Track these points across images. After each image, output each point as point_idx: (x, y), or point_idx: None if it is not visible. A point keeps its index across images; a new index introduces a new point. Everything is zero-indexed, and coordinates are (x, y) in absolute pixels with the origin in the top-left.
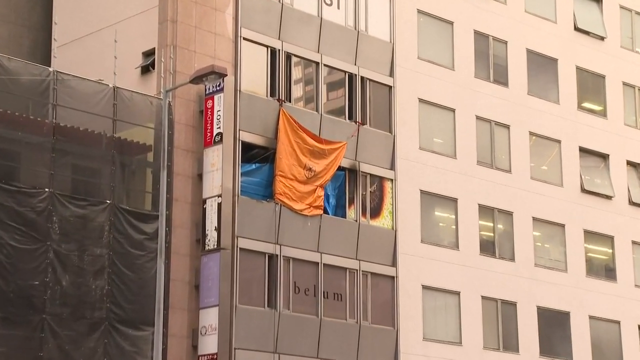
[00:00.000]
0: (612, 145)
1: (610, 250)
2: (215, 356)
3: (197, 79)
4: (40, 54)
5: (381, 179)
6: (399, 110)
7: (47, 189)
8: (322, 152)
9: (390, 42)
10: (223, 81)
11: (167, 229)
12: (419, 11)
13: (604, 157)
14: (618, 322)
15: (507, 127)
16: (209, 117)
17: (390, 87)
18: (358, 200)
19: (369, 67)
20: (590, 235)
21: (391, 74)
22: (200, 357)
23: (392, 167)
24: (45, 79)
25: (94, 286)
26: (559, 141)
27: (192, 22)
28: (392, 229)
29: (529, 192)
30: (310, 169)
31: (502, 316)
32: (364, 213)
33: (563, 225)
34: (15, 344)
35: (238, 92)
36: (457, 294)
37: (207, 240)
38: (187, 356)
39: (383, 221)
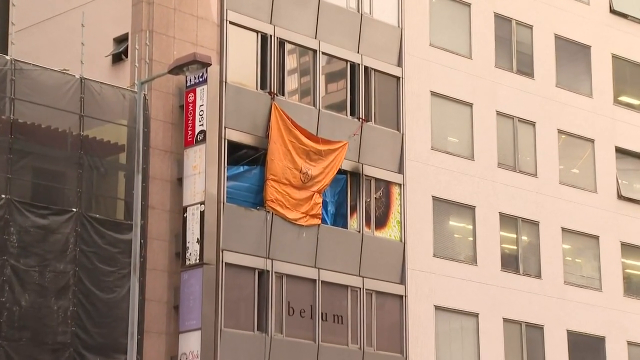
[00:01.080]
0: None
1: None
2: None
3: (177, 69)
4: None
5: (388, 184)
6: (408, 105)
7: (3, 196)
8: (320, 153)
9: (399, 26)
10: (206, 71)
11: (141, 241)
12: None
13: None
14: None
15: (533, 124)
16: (190, 113)
17: (398, 78)
18: (361, 208)
19: (373, 55)
20: (628, 249)
21: (399, 64)
22: None
23: (401, 170)
24: (2, 69)
25: (57, 307)
26: (592, 140)
27: (171, 4)
28: (401, 241)
29: (558, 199)
30: (306, 173)
31: (526, 341)
32: (368, 223)
33: (597, 237)
34: None
35: (224, 84)
36: (475, 315)
37: (187, 254)
38: None
39: (390, 232)
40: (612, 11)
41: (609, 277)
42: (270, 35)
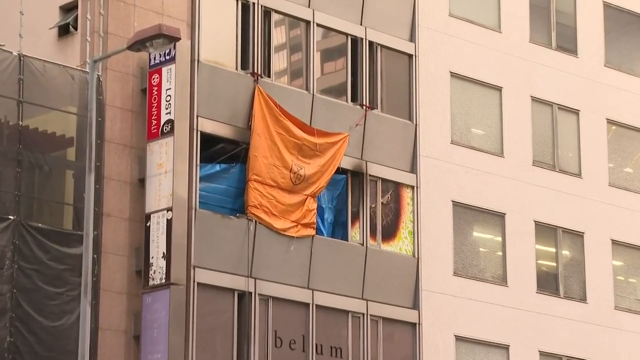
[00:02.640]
0: None
1: None
2: None
3: (138, 45)
4: None
5: (397, 186)
6: (423, 89)
7: None
8: (315, 148)
9: None
10: (175, 48)
11: (94, 256)
12: None
13: None
14: None
15: (576, 112)
16: (155, 99)
17: (410, 56)
18: (365, 215)
19: (380, 28)
20: None
21: (412, 39)
22: None
23: (413, 169)
24: None
25: None
26: None
27: None
28: (413, 255)
29: (607, 205)
30: (297, 172)
31: None
32: (373, 234)
33: None
34: None
35: (196, 62)
36: (506, 348)
37: (151, 272)
38: None
39: (400, 245)
40: None
41: None
42: (253, 3)
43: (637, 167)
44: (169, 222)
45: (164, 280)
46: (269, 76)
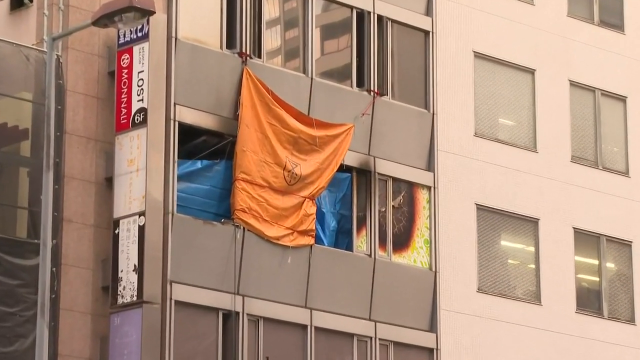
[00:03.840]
0: None
1: None
2: None
3: (105, 19)
4: None
5: (412, 187)
6: (441, 72)
7: None
8: (314, 142)
9: None
10: (148, 23)
11: (53, 269)
12: None
13: None
14: None
15: (623, 99)
16: (125, 83)
17: (427, 32)
18: (373, 221)
19: None
20: None
21: (428, 12)
22: None
23: (430, 166)
24: None
25: None
26: None
27: None
28: (430, 269)
29: None
30: (292, 171)
31: None
32: (382, 243)
33: None
34: None
35: (173, 40)
36: None
37: (120, 289)
38: None
39: (415, 256)
40: None
41: None
42: None
43: None
44: (142, 229)
45: (135, 298)
46: (259, 57)
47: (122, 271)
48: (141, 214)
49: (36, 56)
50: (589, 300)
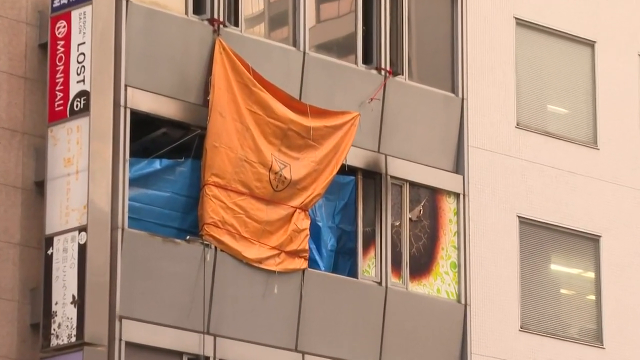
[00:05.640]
0: None
1: None
2: None
3: None
4: None
5: (434, 193)
6: (473, 46)
7: None
8: (308, 135)
9: None
10: None
11: None
12: None
13: None
14: None
15: None
16: (61, 59)
17: None
18: (384, 238)
19: None
20: None
21: None
22: None
23: (459, 167)
24: None
25: None
26: None
27: None
28: (459, 301)
29: None
30: (281, 172)
31: None
32: (396, 267)
33: None
34: None
35: (124, 3)
36: None
37: (54, 327)
38: None
39: (438, 284)
40: None
41: None
42: None
43: None
44: (82, 249)
45: (74, 339)
46: (236, 25)
47: (56, 304)
48: (82, 229)
49: None
50: None
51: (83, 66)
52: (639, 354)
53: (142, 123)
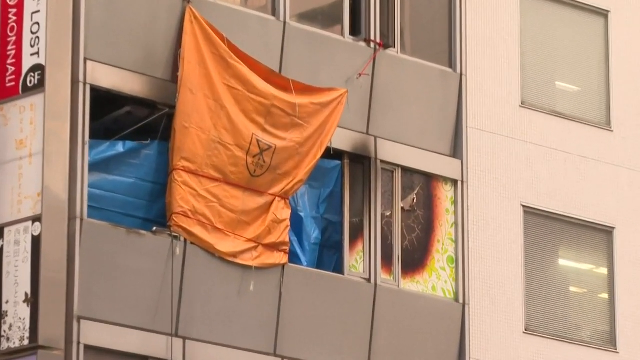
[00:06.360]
0: None
1: None
2: None
3: None
4: None
5: (429, 179)
6: (472, 15)
7: None
8: (294, 111)
9: None
10: None
11: None
12: None
13: None
14: None
15: None
16: (13, 29)
17: None
18: (374, 230)
19: None
20: None
21: None
22: None
23: (456, 150)
24: None
25: None
26: None
27: None
28: (456, 299)
29: None
30: (259, 155)
31: None
32: (387, 262)
33: None
34: None
35: None
36: None
37: (5, 328)
38: None
39: (433, 281)
40: None
41: None
42: None
43: None
44: (36, 242)
45: (26, 342)
46: None
47: (7, 302)
48: (36, 219)
49: None
50: None
51: (37, 37)
52: None
53: (104, 101)
